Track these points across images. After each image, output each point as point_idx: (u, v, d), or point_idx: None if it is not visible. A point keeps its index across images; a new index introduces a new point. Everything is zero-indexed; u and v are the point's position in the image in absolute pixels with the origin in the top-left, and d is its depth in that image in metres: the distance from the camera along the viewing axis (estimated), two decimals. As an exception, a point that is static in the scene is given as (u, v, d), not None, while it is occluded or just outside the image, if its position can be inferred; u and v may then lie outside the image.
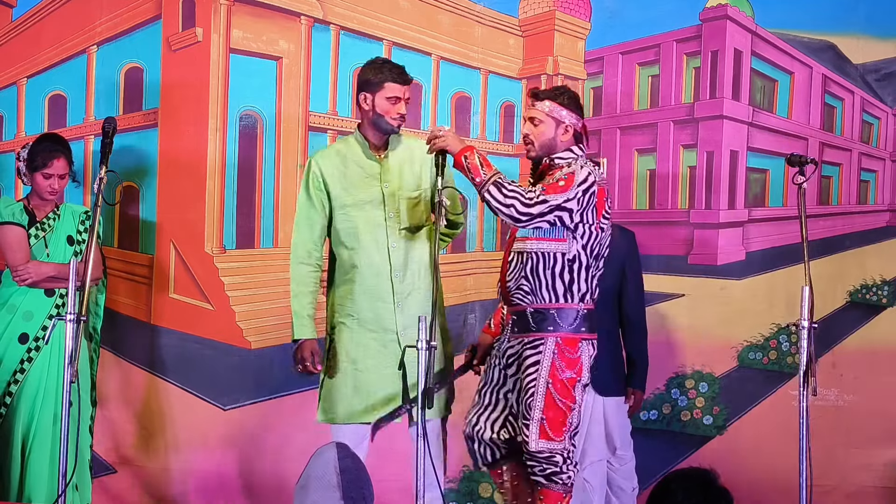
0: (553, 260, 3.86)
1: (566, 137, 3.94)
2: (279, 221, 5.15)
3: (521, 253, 3.90)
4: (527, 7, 5.33)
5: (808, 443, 3.73)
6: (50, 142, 4.68)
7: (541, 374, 3.84)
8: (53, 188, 4.62)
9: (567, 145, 3.94)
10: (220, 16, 5.13)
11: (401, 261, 4.15)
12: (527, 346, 3.90)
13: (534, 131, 3.95)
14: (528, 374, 3.87)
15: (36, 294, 4.62)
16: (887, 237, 5.25)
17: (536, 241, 3.87)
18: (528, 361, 3.88)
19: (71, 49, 5.27)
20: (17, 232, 4.60)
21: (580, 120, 3.97)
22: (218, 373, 5.16)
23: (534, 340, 3.89)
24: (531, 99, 3.99)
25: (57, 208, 4.72)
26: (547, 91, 4.02)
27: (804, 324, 3.70)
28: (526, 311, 3.91)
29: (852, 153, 5.34)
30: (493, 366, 4.05)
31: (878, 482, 5.11)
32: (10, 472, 4.57)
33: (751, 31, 5.25)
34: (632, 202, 5.28)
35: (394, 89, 4.13)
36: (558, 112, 3.92)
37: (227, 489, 5.11)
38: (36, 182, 4.62)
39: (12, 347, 4.58)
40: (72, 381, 3.85)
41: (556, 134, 3.93)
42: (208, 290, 5.17)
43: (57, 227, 4.69)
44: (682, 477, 2.84)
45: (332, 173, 4.20)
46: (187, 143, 5.18)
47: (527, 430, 3.84)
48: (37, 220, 4.67)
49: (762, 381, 5.16)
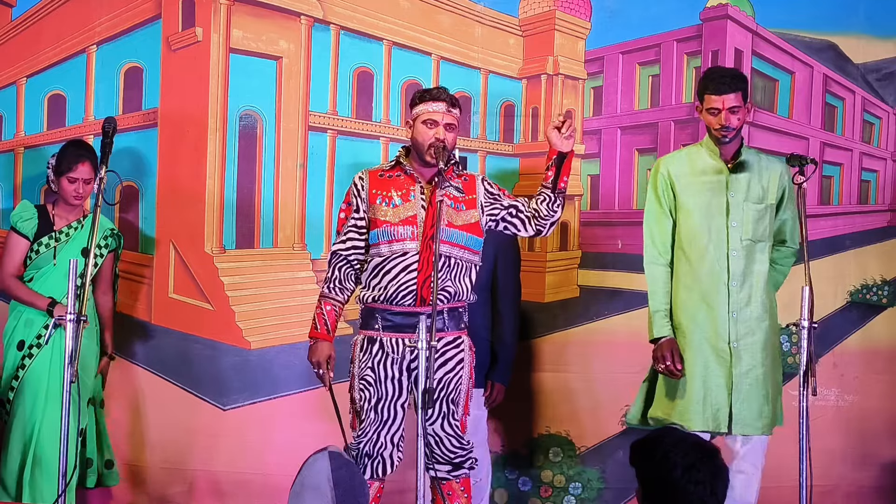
0: (471, 263, 4.05)
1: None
2: (279, 221, 5.15)
3: (450, 257, 3.96)
4: (527, 7, 5.33)
5: (808, 443, 3.73)
6: (75, 147, 4.78)
7: (465, 371, 4.02)
8: (79, 192, 4.68)
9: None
10: (220, 15, 5.13)
11: (739, 270, 4.17)
12: (449, 345, 4.01)
13: (449, 137, 4.01)
14: (456, 373, 4.01)
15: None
16: (888, 237, 5.25)
17: (470, 252, 4.02)
18: (455, 360, 4.01)
19: (70, 49, 5.27)
20: (17, 242, 4.70)
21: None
22: (218, 373, 5.16)
23: (455, 339, 4.02)
24: (446, 105, 4.01)
25: (83, 219, 4.77)
26: (453, 99, 4.06)
27: (804, 324, 3.70)
28: (443, 311, 3.98)
29: (853, 153, 5.34)
30: (384, 379, 3.99)
31: (878, 482, 5.11)
32: (13, 476, 4.57)
33: (751, 30, 5.25)
34: (632, 202, 5.28)
35: (712, 101, 4.18)
36: (458, 116, 4.07)
37: (228, 489, 5.11)
38: (62, 187, 4.69)
39: (12, 353, 4.65)
40: (72, 381, 3.86)
41: (456, 136, 4.10)
42: (208, 290, 5.17)
43: (75, 237, 4.73)
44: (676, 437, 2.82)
45: (679, 175, 4.28)
46: (187, 143, 5.17)
47: (458, 426, 4.02)
48: (53, 229, 4.70)
49: (762, 381, 5.16)
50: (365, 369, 4.00)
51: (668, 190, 4.30)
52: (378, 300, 3.99)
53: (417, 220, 3.97)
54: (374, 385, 3.98)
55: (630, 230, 5.25)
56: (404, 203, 4.00)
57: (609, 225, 5.28)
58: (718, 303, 4.17)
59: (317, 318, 4.07)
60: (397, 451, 4.02)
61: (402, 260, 3.96)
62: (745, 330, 4.15)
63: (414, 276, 3.94)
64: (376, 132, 5.20)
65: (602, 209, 5.29)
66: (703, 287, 4.21)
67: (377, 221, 4.00)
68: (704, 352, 4.20)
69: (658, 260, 4.32)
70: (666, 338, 4.24)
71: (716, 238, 4.20)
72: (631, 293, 5.21)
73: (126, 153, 5.08)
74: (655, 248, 4.32)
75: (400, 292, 3.95)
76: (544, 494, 5.19)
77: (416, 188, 4.02)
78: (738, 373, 4.15)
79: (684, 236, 4.26)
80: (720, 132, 4.16)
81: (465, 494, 4.10)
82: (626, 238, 5.24)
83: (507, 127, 5.29)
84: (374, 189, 4.04)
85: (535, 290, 5.24)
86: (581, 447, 5.18)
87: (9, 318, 4.73)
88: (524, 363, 5.19)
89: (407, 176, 4.04)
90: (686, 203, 4.25)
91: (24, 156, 5.25)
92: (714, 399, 4.18)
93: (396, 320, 3.97)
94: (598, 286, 5.24)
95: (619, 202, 5.28)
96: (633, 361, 5.15)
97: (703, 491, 2.65)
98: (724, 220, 4.19)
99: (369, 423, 3.99)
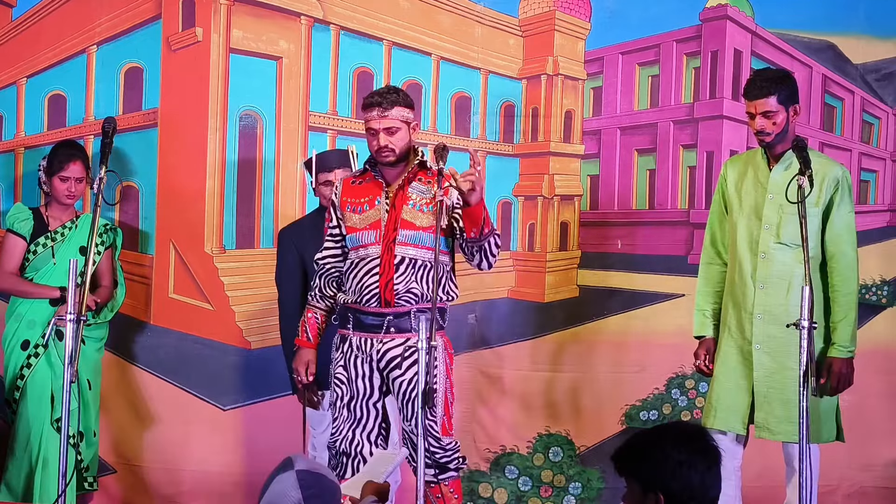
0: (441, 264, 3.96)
1: (415, 135, 4.06)
2: (279, 221, 5.14)
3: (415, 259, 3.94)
4: (527, 7, 5.33)
5: (808, 443, 3.73)
6: (66, 146, 4.81)
7: (441, 373, 3.94)
8: (71, 192, 4.70)
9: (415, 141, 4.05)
10: (220, 16, 5.13)
11: (768, 273, 4.14)
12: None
13: (395, 139, 3.95)
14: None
15: (40, 303, 4.68)
16: (887, 237, 5.25)
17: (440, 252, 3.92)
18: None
19: (71, 49, 5.27)
20: (14, 242, 4.70)
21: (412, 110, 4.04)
22: (218, 373, 5.16)
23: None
24: (379, 110, 3.93)
25: (76, 219, 4.77)
26: (391, 97, 3.97)
27: (804, 323, 3.69)
28: (410, 312, 3.94)
29: (852, 153, 5.34)
30: (356, 377, 4.01)
31: (878, 482, 5.11)
32: (20, 478, 4.58)
33: (751, 31, 5.25)
34: (632, 202, 5.28)
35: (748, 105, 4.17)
36: (408, 114, 3.99)
37: (227, 489, 5.10)
38: (54, 186, 4.71)
39: (16, 355, 4.66)
40: (72, 381, 3.86)
41: (410, 136, 4.02)
42: (208, 290, 5.17)
43: (71, 236, 4.74)
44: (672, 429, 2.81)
45: (733, 178, 4.28)
46: (187, 143, 5.17)
47: (436, 427, 3.94)
48: (48, 229, 4.71)
49: (762, 381, 5.16)
50: (338, 367, 4.05)
51: (723, 191, 4.32)
52: (349, 302, 4.03)
53: (381, 224, 3.97)
54: (347, 383, 4.02)
55: (630, 230, 5.25)
56: (370, 209, 4.01)
57: (609, 225, 5.28)
58: (745, 304, 4.17)
59: (300, 326, 4.14)
60: (375, 448, 4.02)
61: (365, 264, 3.98)
62: (771, 333, 4.11)
63: (376, 280, 3.95)
64: (376, 132, 5.19)
65: (602, 209, 5.29)
66: (734, 288, 4.22)
67: (348, 229, 4.05)
68: (730, 352, 4.22)
69: (713, 260, 4.36)
70: (706, 337, 4.29)
71: (749, 239, 4.18)
72: (631, 293, 5.22)
73: (126, 153, 5.09)
74: (712, 248, 4.36)
75: (365, 295, 3.96)
76: (544, 494, 5.19)
77: (382, 193, 4.02)
78: (758, 376, 4.13)
79: (728, 237, 4.28)
80: (757, 136, 4.16)
81: (455, 496, 4.07)
82: (626, 238, 5.25)
83: (507, 127, 5.29)
84: (345, 197, 4.07)
85: (535, 290, 5.24)
86: (581, 447, 5.18)
87: (8, 322, 4.72)
88: (524, 363, 5.20)
89: (374, 181, 4.04)
90: (733, 204, 4.26)
91: (24, 156, 5.25)
92: (731, 399, 4.18)
93: (366, 320, 3.99)
94: (598, 286, 5.24)
95: (618, 202, 5.29)
96: (633, 361, 5.17)
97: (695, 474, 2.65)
98: (759, 221, 4.17)
99: (343, 420, 4.03)
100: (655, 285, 5.20)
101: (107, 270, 4.81)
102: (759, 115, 4.10)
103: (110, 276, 4.83)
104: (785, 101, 4.10)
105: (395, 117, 3.94)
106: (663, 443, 2.68)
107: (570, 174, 5.28)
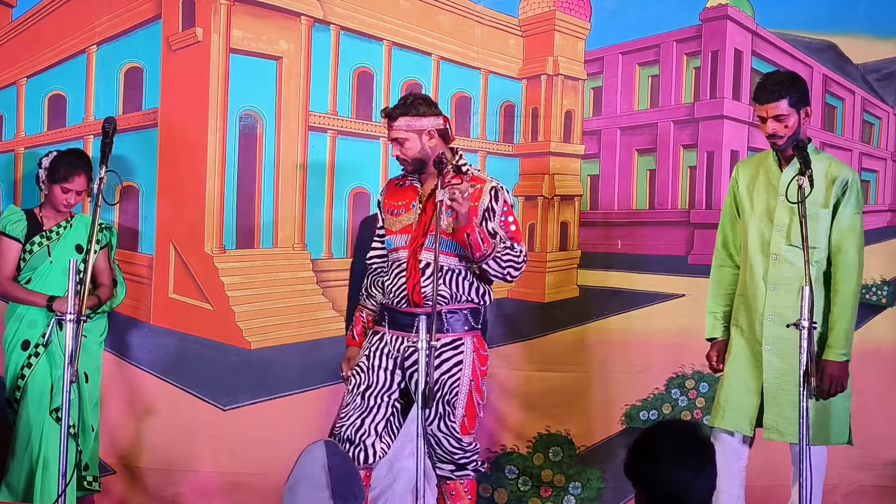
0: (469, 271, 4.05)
1: (433, 142, 4.04)
2: (279, 221, 5.15)
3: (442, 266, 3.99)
4: (527, 7, 5.33)
5: (809, 443, 3.73)
6: (74, 156, 4.76)
7: (464, 374, 4.02)
8: (69, 202, 4.70)
9: (441, 147, 4.05)
10: (220, 16, 5.13)
11: (779, 274, 4.14)
12: (447, 346, 4.03)
13: (402, 150, 4.03)
14: (453, 375, 4.03)
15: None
16: (887, 237, 5.25)
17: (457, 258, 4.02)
18: (453, 362, 4.03)
19: (71, 49, 5.27)
20: (8, 245, 4.69)
21: (439, 115, 4.06)
22: (218, 373, 5.16)
23: (454, 341, 4.04)
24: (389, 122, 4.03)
25: (70, 218, 4.77)
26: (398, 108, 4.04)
27: (804, 324, 3.70)
28: (441, 313, 3.99)
29: (853, 153, 5.34)
30: (377, 368, 4.09)
31: (877, 482, 5.12)
32: (20, 478, 4.58)
33: (751, 30, 5.25)
34: (632, 202, 5.28)
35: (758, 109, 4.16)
36: (417, 123, 4.00)
37: (227, 489, 5.10)
38: (53, 193, 4.69)
39: (16, 355, 4.66)
40: (72, 381, 3.86)
41: (423, 143, 4.03)
42: (208, 290, 5.17)
43: (66, 235, 4.74)
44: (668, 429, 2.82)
45: (745, 180, 4.28)
46: (187, 143, 5.17)
47: (455, 427, 4.02)
48: (43, 229, 4.71)
49: (762, 381, 5.16)
50: (362, 356, 4.13)
51: (735, 193, 4.31)
52: (386, 302, 4.15)
53: (412, 229, 4.07)
54: (366, 372, 4.09)
55: (630, 230, 5.25)
56: (405, 212, 4.12)
57: (609, 225, 5.28)
58: (756, 306, 4.17)
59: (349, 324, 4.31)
60: (381, 441, 4.06)
61: (397, 267, 4.10)
62: (781, 335, 4.09)
63: (405, 282, 4.05)
64: (376, 132, 5.20)
65: (602, 209, 5.29)
66: (746, 289, 4.23)
67: (387, 231, 4.20)
68: (741, 353, 4.22)
69: (725, 262, 4.36)
70: (718, 339, 4.31)
71: (761, 241, 4.18)
72: (631, 293, 5.22)
73: (126, 153, 5.08)
74: (724, 250, 4.36)
75: (396, 296, 4.07)
76: (544, 494, 5.19)
77: (416, 198, 4.12)
78: (768, 377, 4.13)
79: (740, 239, 4.28)
80: (769, 140, 4.15)
81: (468, 496, 4.13)
82: (626, 238, 5.24)
83: (507, 127, 5.29)
84: (388, 199, 4.21)
85: (535, 290, 5.24)
86: (581, 447, 5.18)
87: (8, 323, 4.72)
88: (524, 363, 5.20)
89: (412, 185, 4.15)
90: (744, 206, 4.26)
91: (24, 156, 5.25)
92: (740, 400, 4.18)
93: (399, 319, 4.09)
94: (598, 286, 5.24)
95: (618, 202, 5.28)
96: (633, 361, 5.17)
97: (688, 473, 2.65)
98: (771, 223, 4.17)
99: (354, 407, 4.08)
100: (655, 285, 5.20)
101: (104, 269, 4.81)
102: (770, 118, 4.09)
103: (108, 274, 4.83)
104: (796, 104, 4.10)
105: (399, 128, 4.03)
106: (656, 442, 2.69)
107: (570, 174, 5.28)
